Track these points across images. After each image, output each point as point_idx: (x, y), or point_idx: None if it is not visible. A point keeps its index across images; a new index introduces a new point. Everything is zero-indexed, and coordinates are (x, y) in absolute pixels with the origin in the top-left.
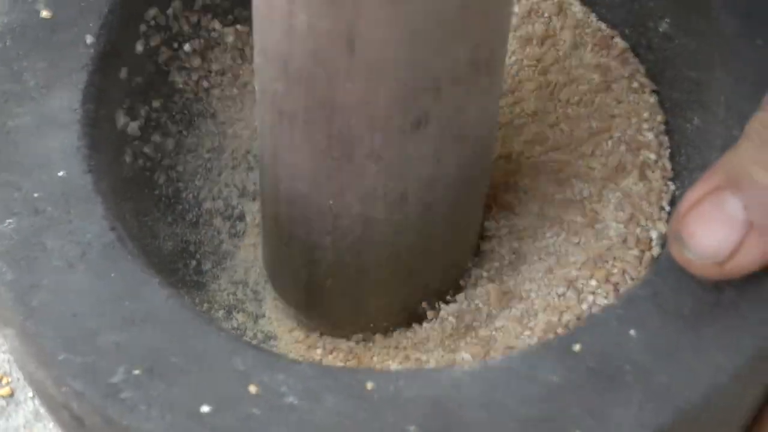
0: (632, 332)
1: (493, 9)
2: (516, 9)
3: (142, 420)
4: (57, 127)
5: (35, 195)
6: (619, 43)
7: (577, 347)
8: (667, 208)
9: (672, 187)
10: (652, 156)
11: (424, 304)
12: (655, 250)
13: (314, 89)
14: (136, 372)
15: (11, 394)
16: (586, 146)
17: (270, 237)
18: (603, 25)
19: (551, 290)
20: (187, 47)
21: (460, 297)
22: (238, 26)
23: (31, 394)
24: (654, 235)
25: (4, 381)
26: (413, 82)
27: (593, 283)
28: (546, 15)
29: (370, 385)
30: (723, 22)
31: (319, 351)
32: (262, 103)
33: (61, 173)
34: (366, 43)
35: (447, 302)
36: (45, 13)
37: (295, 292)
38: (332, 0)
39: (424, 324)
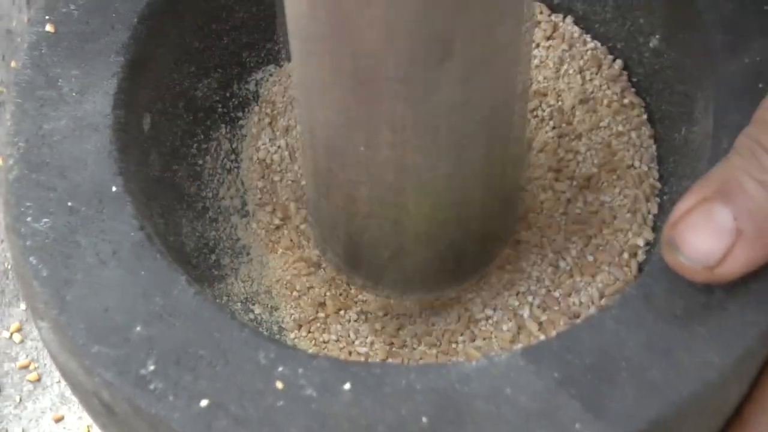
0: (627, 331)
1: None
2: None
3: (169, 409)
4: (90, 130)
5: (70, 195)
6: (612, 61)
7: (575, 345)
8: (653, 216)
9: (659, 195)
10: (644, 167)
11: None
12: (641, 257)
13: (338, 15)
14: (164, 364)
15: (38, 379)
16: (577, 158)
17: (310, 191)
18: (597, 44)
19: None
20: None
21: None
22: None
23: (57, 379)
24: (641, 242)
25: (32, 366)
26: (436, 12)
27: (581, 285)
28: (541, 34)
29: (383, 379)
30: (712, 39)
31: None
32: (293, 50)
33: (93, 175)
34: None
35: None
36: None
37: (336, 246)
38: None
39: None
